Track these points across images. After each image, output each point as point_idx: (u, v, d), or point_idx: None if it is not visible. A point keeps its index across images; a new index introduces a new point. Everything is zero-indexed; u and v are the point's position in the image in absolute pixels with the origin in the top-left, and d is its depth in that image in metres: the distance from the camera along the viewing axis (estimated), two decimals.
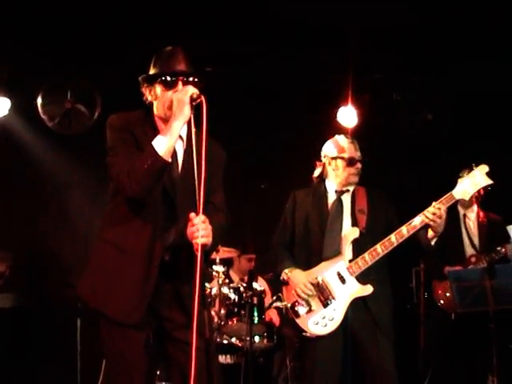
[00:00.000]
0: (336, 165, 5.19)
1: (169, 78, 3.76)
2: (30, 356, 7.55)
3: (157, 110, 3.84)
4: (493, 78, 8.08)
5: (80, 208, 8.09)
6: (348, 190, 5.20)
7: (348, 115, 8.14)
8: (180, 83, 3.73)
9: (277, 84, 8.19)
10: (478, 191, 6.40)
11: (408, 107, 8.49)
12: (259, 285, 7.06)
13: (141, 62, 7.68)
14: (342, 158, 5.18)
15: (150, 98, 3.84)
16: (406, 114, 8.50)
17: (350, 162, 5.18)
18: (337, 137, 5.35)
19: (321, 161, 5.32)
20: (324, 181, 5.30)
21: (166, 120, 3.72)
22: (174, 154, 3.74)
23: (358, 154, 5.22)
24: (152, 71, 3.86)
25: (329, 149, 5.28)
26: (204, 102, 3.56)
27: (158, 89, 3.79)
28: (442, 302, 6.60)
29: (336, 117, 8.15)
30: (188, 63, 3.81)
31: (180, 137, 3.75)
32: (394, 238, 4.90)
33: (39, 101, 7.88)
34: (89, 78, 7.98)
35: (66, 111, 7.92)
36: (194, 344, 3.33)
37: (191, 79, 3.76)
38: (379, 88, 8.49)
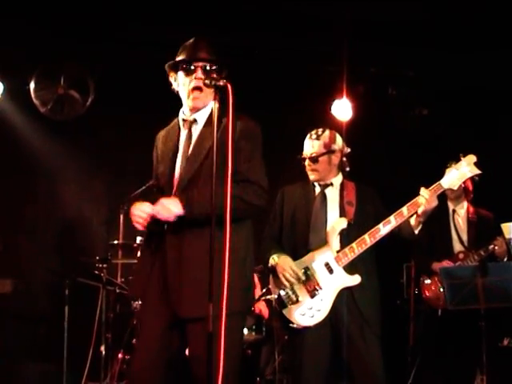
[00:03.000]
0: None
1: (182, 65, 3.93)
2: (16, 343, 7.52)
3: (182, 98, 4.02)
4: (488, 73, 8.07)
5: (70, 194, 8.05)
6: (332, 184, 5.19)
7: (343, 108, 8.10)
8: (199, 70, 3.87)
9: (270, 76, 8.14)
10: (467, 186, 6.43)
11: (403, 102, 8.48)
12: None
13: (135, 49, 7.73)
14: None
15: (175, 87, 4.02)
16: (400, 108, 8.50)
17: (303, 159, 5.24)
18: None
19: None
20: None
21: (188, 109, 3.98)
22: (189, 139, 3.96)
23: (307, 151, 5.22)
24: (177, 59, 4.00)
25: None
26: (230, 89, 3.60)
27: (181, 76, 3.95)
28: (428, 297, 6.59)
29: (330, 110, 8.11)
30: (209, 51, 3.94)
31: (195, 120, 3.98)
32: (382, 228, 4.90)
33: (32, 86, 7.82)
34: (82, 64, 7.93)
35: (58, 97, 7.87)
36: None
37: (209, 67, 3.90)
38: (374, 82, 8.47)
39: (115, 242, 7.15)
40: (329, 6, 7.24)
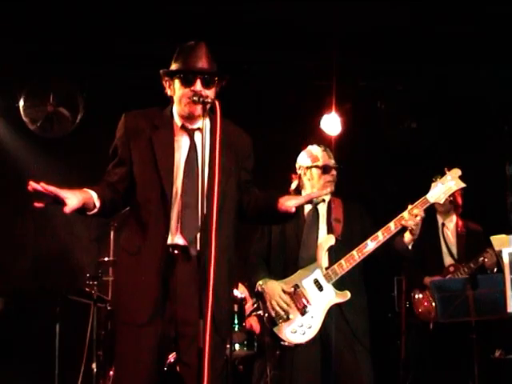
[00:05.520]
0: (311, 174, 5.21)
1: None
2: (7, 361, 7.48)
3: (176, 104, 3.86)
4: (477, 86, 8.10)
5: (60, 211, 8.01)
6: (324, 200, 5.20)
7: (332, 123, 8.09)
8: (198, 81, 3.73)
9: (258, 91, 8.15)
10: (457, 201, 6.46)
11: (392, 115, 8.50)
12: (240, 292, 7.02)
13: (124, 66, 7.74)
14: (317, 167, 5.20)
15: (169, 93, 3.87)
16: (390, 122, 8.51)
17: (325, 170, 5.19)
18: (309, 146, 5.36)
19: (296, 173, 5.33)
20: (300, 192, 5.29)
21: (183, 116, 3.80)
22: (194, 148, 3.79)
23: (332, 162, 5.22)
24: (173, 65, 3.85)
25: (303, 159, 5.30)
26: (218, 106, 3.53)
27: (177, 84, 3.79)
28: (420, 311, 6.60)
29: (319, 125, 8.11)
30: (209, 61, 3.81)
31: (199, 129, 3.76)
32: (369, 243, 4.91)
33: (21, 103, 7.82)
34: (71, 82, 7.93)
35: (48, 114, 7.87)
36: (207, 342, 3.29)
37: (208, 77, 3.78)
38: (363, 96, 8.48)
39: (106, 258, 7.13)
40: (317, 21, 7.26)
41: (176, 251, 3.72)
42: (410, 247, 4.97)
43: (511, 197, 8.36)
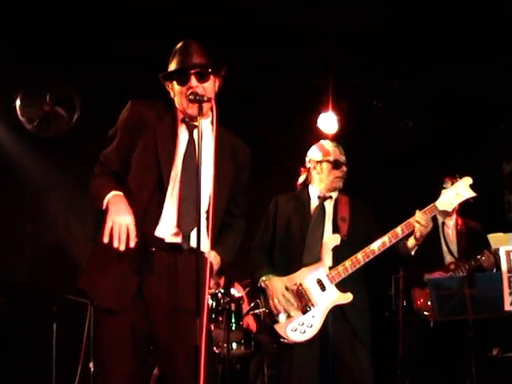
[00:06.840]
0: (321, 168, 5.18)
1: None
2: (4, 361, 7.47)
3: (177, 104, 3.89)
4: (475, 85, 8.10)
5: (57, 211, 8.02)
6: (331, 197, 5.18)
7: (328, 121, 8.09)
8: (193, 78, 3.76)
9: (255, 90, 8.15)
10: None
11: (388, 114, 8.51)
12: (237, 291, 7.02)
13: (121, 66, 7.73)
14: (328, 161, 5.18)
15: (172, 94, 3.89)
16: (386, 120, 8.52)
17: (336, 165, 5.17)
18: (322, 141, 5.37)
19: (305, 167, 5.31)
20: (307, 187, 5.28)
21: (186, 114, 3.82)
22: (192, 143, 3.80)
23: (342, 158, 5.20)
24: (169, 67, 3.87)
25: (314, 153, 5.28)
26: (214, 105, 3.60)
27: (175, 85, 3.83)
28: (421, 309, 6.59)
29: (316, 123, 8.11)
30: (200, 55, 3.81)
31: (196, 126, 3.79)
32: (375, 247, 4.90)
33: (18, 103, 7.81)
34: (68, 81, 7.93)
35: (44, 114, 7.87)
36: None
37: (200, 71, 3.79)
38: (360, 94, 8.48)
39: None
40: (314, 20, 7.26)
41: (162, 244, 3.73)
42: (412, 253, 4.98)
43: (509, 195, 8.36)
